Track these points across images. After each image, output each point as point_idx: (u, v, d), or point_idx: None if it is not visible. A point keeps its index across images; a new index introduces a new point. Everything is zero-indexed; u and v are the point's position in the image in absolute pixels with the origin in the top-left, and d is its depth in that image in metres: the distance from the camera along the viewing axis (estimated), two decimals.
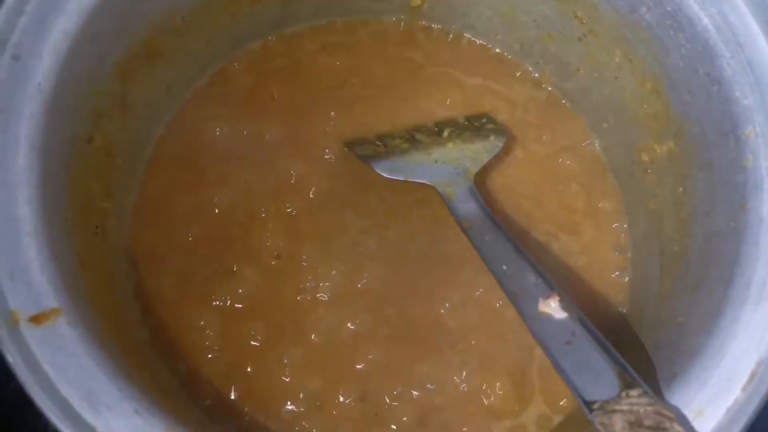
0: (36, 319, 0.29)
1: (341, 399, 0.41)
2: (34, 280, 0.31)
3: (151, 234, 0.44)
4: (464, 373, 0.42)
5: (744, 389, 0.30)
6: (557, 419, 0.42)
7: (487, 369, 0.42)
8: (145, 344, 0.40)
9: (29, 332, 0.30)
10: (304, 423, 0.40)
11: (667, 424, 0.27)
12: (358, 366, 0.42)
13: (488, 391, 0.42)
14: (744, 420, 0.29)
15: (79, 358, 0.29)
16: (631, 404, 0.28)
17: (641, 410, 0.27)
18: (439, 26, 0.52)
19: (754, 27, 0.36)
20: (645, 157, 0.45)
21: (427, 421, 0.41)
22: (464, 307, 0.44)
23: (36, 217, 0.32)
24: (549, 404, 0.42)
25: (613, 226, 0.47)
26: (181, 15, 0.44)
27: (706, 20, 0.37)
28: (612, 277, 0.45)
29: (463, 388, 0.42)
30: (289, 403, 0.40)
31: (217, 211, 0.45)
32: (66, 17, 0.35)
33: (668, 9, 0.39)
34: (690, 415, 0.30)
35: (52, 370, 0.29)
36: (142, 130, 0.45)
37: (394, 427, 0.41)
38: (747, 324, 0.31)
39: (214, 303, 0.42)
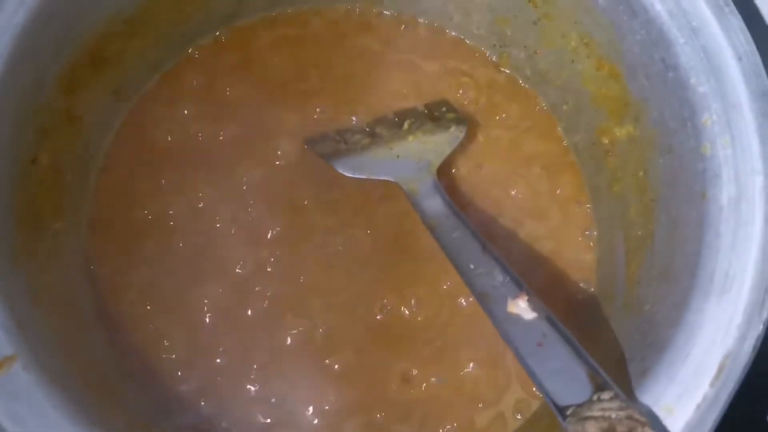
0: None
1: (317, 403, 0.41)
2: None
3: (110, 249, 0.43)
4: (440, 366, 0.42)
5: (712, 384, 0.30)
6: (535, 405, 0.42)
7: (463, 360, 0.42)
8: (113, 368, 0.39)
9: None
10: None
11: (639, 430, 0.27)
12: (333, 369, 0.41)
13: (466, 381, 0.42)
14: (713, 417, 0.29)
15: (36, 405, 0.28)
16: (603, 409, 0.28)
17: (613, 415, 0.27)
18: (393, 12, 0.50)
19: (706, 12, 0.35)
20: (605, 140, 0.44)
21: (407, 416, 0.41)
22: (435, 299, 0.43)
23: None
24: (526, 390, 0.42)
25: (578, 210, 0.47)
26: (125, 16, 0.42)
27: (659, 6, 0.37)
28: (579, 262, 0.45)
29: (441, 380, 0.42)
30: (263, 412, 0.40)
31: (175, 220, 0.44)
32: None
33: None
34: (660, 413, 0.30)
35: (9, 421, 0.28)
36: (90, 142, 0.43)
37: (374, 424, 0.40)
38: (712, 316, 0.31)
39: (181, 316, 0.41)
